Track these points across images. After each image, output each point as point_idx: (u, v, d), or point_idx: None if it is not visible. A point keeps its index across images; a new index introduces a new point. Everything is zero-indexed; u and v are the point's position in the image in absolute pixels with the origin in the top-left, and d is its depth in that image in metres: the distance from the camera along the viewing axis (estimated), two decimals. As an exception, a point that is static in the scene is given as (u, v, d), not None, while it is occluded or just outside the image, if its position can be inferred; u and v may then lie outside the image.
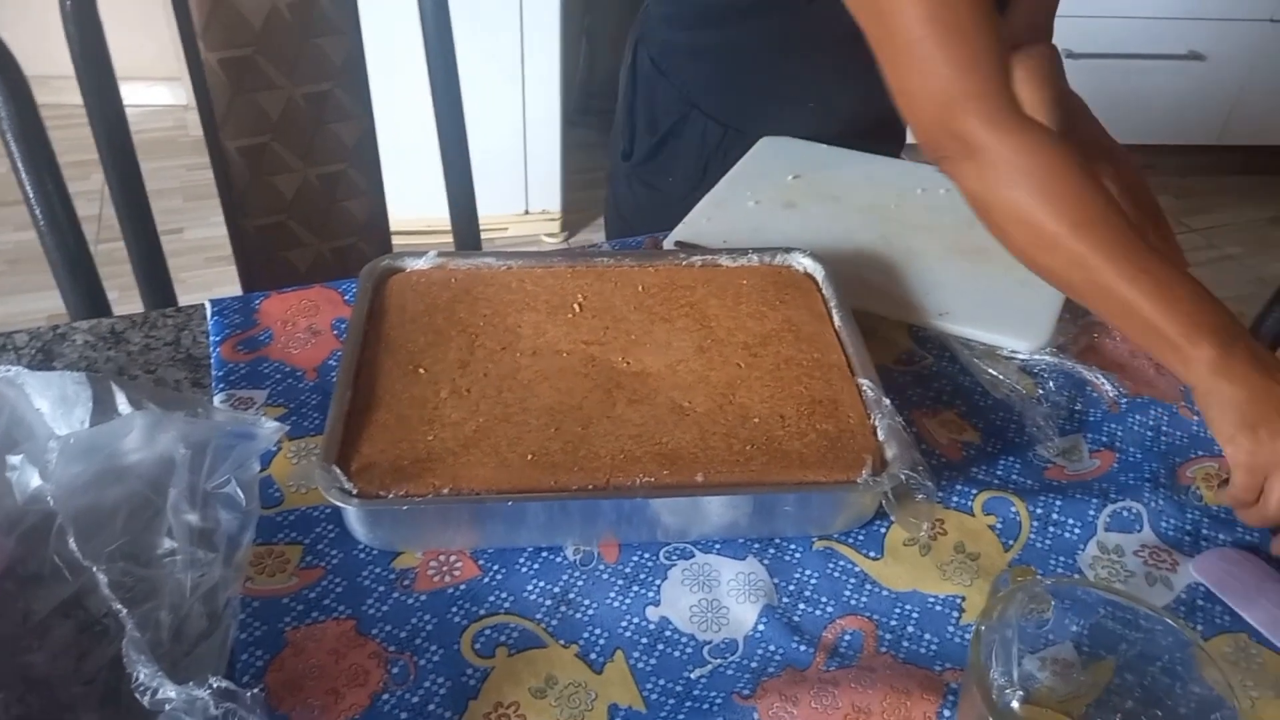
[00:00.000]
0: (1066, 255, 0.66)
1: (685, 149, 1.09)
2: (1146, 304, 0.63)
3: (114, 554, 0.57)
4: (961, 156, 0.70)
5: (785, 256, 0.82)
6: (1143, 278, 0.64)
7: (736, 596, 0.61)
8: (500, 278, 0.78)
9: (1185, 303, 0.63)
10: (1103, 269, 0.64)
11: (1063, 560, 0.65)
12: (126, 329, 0.78)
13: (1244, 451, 0.62)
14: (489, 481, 0.62)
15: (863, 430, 0.67)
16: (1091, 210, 0.66)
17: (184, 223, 2.35)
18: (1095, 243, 0.65)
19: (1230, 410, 0.62)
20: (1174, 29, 2.61)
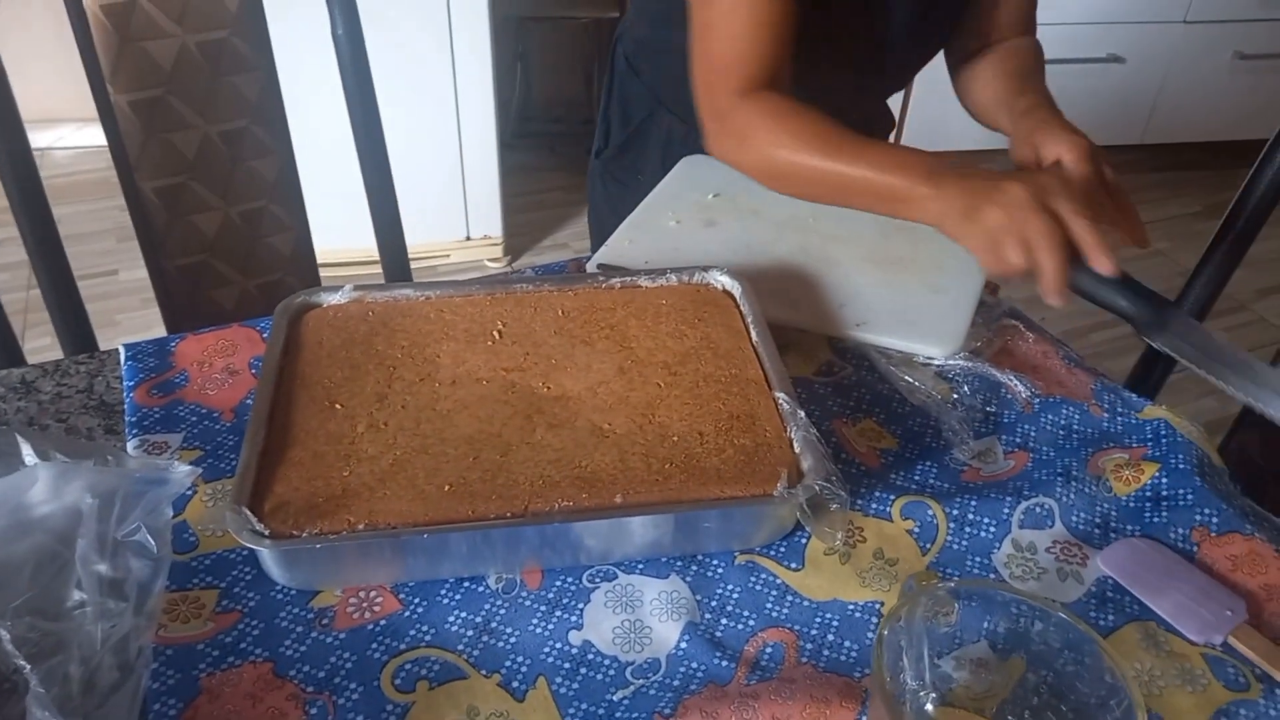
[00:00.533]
0: (803, 171, 0.82)
1: (651, 146, 1.11)
2: (873, 175, 0.79)
3: (20, 609, 0.56)
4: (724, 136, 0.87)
5: (703, 275, 0.83)
6: (865, 159, 0.79)
7: (659, 615, 0.62)
8: (419, 308, 0.78)
9: (900, 166, 0.78)
10: (836, 168, 0.80)
11: (979, 560, 0.67)
12: (37, 378, 0.77)
13: (973, 237, 0.73)
14: (406, 515, 0.61)
15: (779, 443, 0.68)
16: (813, 133, 0.82)
17: (117, 264, 2.31)
18: (819, 153, 0.81)
19: (955, 220, 0.74)
20: (1094, 33, 2.69)
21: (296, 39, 1.33)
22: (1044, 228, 0.69)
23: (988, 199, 0.72)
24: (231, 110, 1.03)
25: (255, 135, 1.06)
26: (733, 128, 0.86)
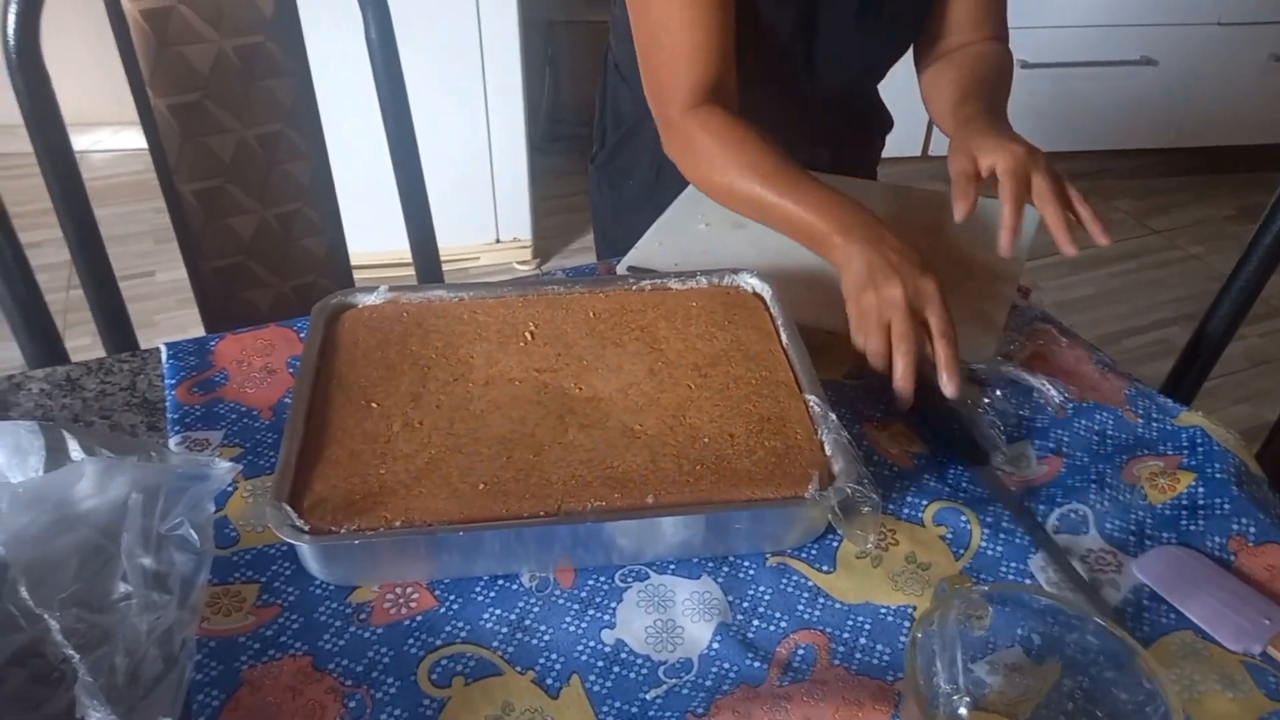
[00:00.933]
0: (740, 196, 0.89)
1: (640, 152, 1.13)
2: (796, 212, 0.85)
3: (67, 601, 0.57)
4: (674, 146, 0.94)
5: (733, 277, 0.84)
6: (792, 195, 0.85)
7: (691, 616, 0.62)
8: (452, 309, 0.79)
9: (821, 210, 0.83)
10: (766, 198, 0.87)
11: (1014, 566, 0.66)
12: (82, 376, 0.78)
13: (853, 307, 0.78)
14: (441, 512, 0.62)
15: (810, 446, 0.68)
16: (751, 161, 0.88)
17: (155, 265, 2.35)
18: (758, 182, 0.87)
19: (848, 283, 0.79)
20: (1126, 35, 2.67)
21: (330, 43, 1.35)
22: (907, 332, 0.73)
23: (874, 285, 0.76)
24: (267, 114, 1.04)
25: (290, 139, 1.07)
26: (680, 141, 0.93)
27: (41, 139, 0.94)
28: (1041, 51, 2.63)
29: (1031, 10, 2.57)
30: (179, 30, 0.97)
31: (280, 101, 1.05)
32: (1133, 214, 2.81)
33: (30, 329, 0.91)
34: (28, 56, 0.90)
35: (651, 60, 0.93)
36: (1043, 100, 2.74)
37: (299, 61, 1.05)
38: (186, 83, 0.99)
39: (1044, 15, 2.59)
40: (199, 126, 1.01)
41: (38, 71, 0.91)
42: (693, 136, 0.91)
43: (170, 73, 0.98)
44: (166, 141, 1.01)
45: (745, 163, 0.88)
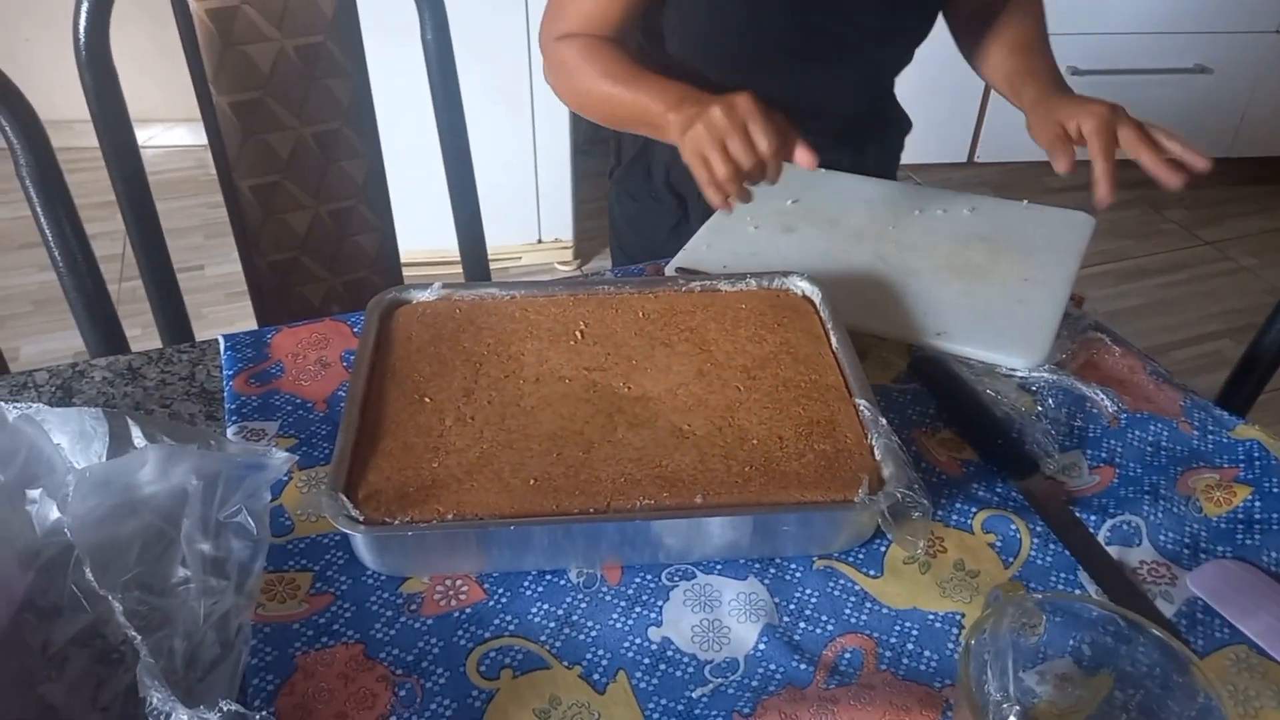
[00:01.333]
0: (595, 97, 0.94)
1: (655, 160, 1.14)
2: (639, 97, 0.89)
3: (129, 584, 0.58)
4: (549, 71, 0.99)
5: (783, 280, 0.84)
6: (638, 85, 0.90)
7: (737, 616, 0.62)
8: (504, 307, 0.80)
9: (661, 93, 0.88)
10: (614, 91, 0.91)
11: (1064, 576, 0.66)
12: (143, 365, 0.80)
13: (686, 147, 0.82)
14: (492, 507, 0.63)
15: (860, 450, 0.68)
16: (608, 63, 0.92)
17: (204, 259, 2.39)
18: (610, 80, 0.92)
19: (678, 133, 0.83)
20: (1180, 43, 2.62)
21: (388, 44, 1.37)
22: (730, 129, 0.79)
23: (696, 119, 0.81)
24: (325, 113, 1.06)
25: (347, 137, 1.09)
26: (552, 64, 0.98)
27: (108, 136, 0.96)
28: (1094, 58, 2.60)
29: (1084, 17, 2.54)
30: (244, 29, 0.99)
31: (338, 101, 1.07)
32: (1184, 224, 2.76)
33: (94, 320, 0.94)
34: (97, 55, 0.93)
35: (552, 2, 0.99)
36: (1093, 108, 2.69)
37: (357, 62, 1.07)
38: (248, 81, 1.01)
39: (1097, 22, 2.56)
40: (259, 124, 1.03)
41: (107, 69, 0.94)
42: (561, 56, 0.96)
43: (233, 71, 1.00)
44: (227, 138, 1.03)
45: (600, 69, 0.93)
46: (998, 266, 0.90)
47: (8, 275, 2.35)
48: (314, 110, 1.06)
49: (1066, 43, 2.64)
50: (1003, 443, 0.74)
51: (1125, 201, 2.83)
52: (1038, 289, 0.86)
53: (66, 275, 0.91)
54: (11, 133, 0.85)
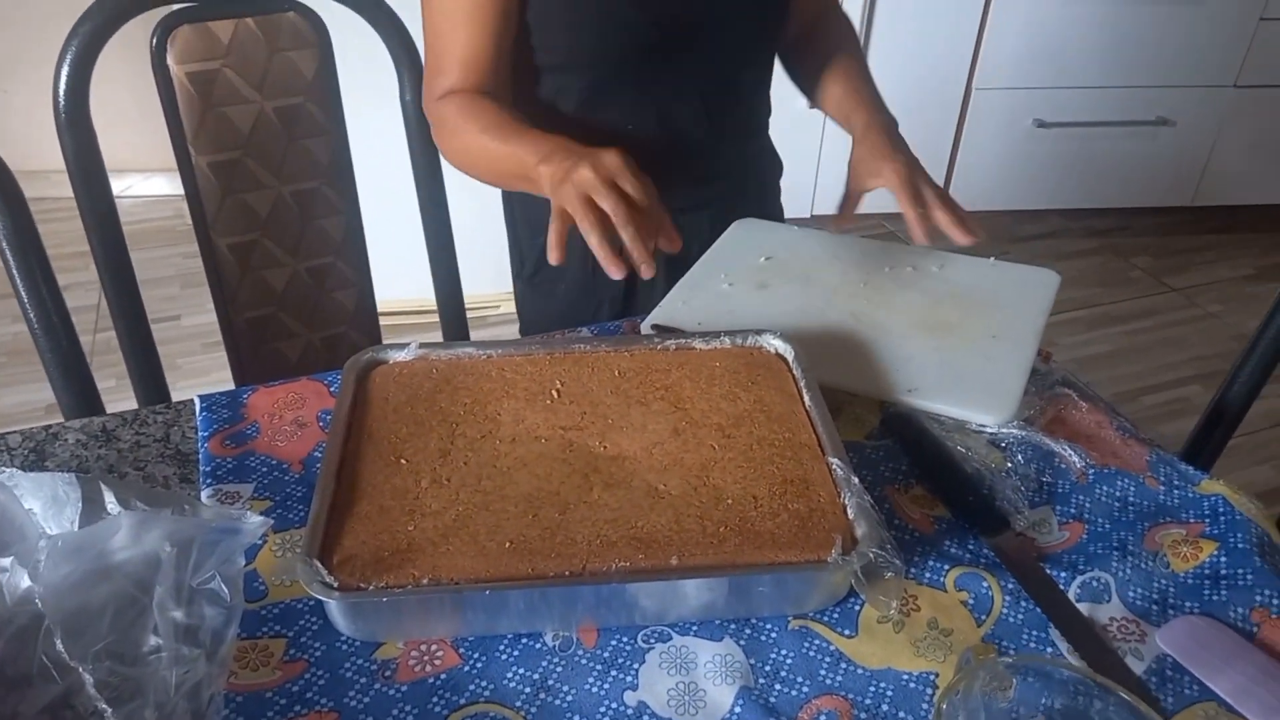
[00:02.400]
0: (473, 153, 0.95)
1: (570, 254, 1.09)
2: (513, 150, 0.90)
3: (100, 653, 0.58)
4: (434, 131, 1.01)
5: (756, 338, 0.85)
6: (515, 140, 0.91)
7: (713, 679, 0.62)
8: (480, 367, 0.81)
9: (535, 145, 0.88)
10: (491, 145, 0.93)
11: (1035, 634, 0.66)
12: (117, 427, 0.80)
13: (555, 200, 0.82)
14: (468, 570, 0.63)
15: (833, 509, 0.69)
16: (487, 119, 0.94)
17: (181, 309, 2.39)
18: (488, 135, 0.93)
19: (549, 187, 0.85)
20: (1142, 96, 2.70)
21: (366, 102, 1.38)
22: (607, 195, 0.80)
23: (564, 176, 0.82)
24: (304, 172, 1.08)
25: (325, 195, 1.10)
26: (435, 122, 1.00)
27: (84, 189, 0.97)
28: (1057, 111, 2.67)
29: (1048, 71, 2.61)
30: (223, 92, 1.00)
31: (317, 160, 1.08)
32: (1151, 272, 2.81)
33: (68, 378, 0.93)
34: (76, 115, 0.93)
35: (428, 60, 1.00)
36: (1060, 158, 2.76)
37: (336, 122, 1.08)
38: (228, 141, 1.02)
39: (1060, 76, 2.63)
40: (239, 183, 1.04)
41: (85, 126, 0.95)
42: (442, 115, 0.98)
43: (213, 132, 1.01)
44: (206, 197, 1.04)
45: (478, 124, 0.94)
46: (967, 323, 0.91)
47: (-21, 326, 2.33)
48: (293, 169, 1.07)
49: (1031, 96, 2.73)
50: (974, 499, 0.75)
51: (1092, 250, 2.88)
52: (1005, 345, 0.88)
53: (41, 335, 0.91)
54: (-11, 195, 0.85)
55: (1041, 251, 2.83)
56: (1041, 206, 2.91)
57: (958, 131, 2.68)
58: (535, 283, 1.16)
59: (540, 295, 1.16)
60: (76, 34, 0.92)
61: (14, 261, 0.89)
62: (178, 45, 0.98)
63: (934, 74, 2.58)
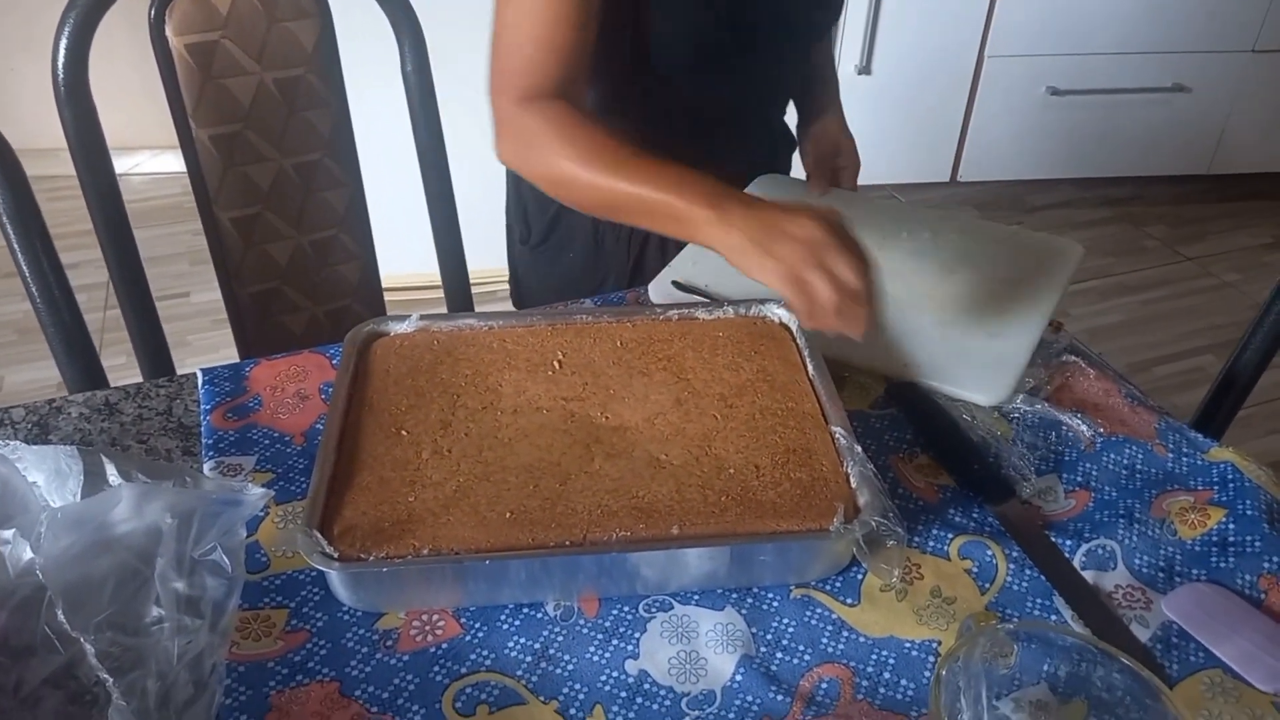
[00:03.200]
0: (582, 186, 0.82)
1: (577, 223, 1.08)
2: (649, 192, 0.78)
3: (102, 624, 0.58)
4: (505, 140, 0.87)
5: (760, 308, 0.84)
6: (645, 177, 0.78)
7: (714, 647, 0.62)
8: (482, 338, 0.80)
9: (680, 187, 0.77)
10: (616, 185, 0.80)
11: (1040, 602, 0.66)
12: (120, 400, 0.80)
13: (772, 271, 0.71)
14: (469, 541, 0.63)
15: (835, 478, 0.68)
16: (594, 148, 0.81)
17: (190, 286, 2.39)
18: (600, 168, 0.80)
19: (746, 248, 0.73)
20: (1158, 62, 2.65)
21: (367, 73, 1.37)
22: (845, 258, 0.69)
23: (781, 231, 0.71)
24: (306, 144, 1.07)
25: (327, 168, 1.09)
26: (516, 134, 0.86)
27: (86, 166, 0.97)
28: (1073, 78, 2.62)
29: (1063, 38, 2.57)
30: (223, 64, 0.99)
31: (319, 132, 1.07)
32: (1166, 241, 2.78)
33: (71, 352, 0.93)
34: (75, 88, 0.93)
35: (497, 51, 0.87)
36: (1074, 126, 2.72)
37: (337, 93, 1.07)
38: (228, 114, 1.02)
39: (1075, 43, 2.59)
40: (240, 156, 1.04)
41: (85, 102, 0.94)
42: (526, 127, 0.85)
43: (213, 104, 1.01)
44: (207, 170, 1.03)
45: (585, 148, 0.81)
46: (976, 296, 0.90)
47: (-9, 304, 2.34)
48: (294, 141, 1.06)
49: (1044, 63, 2.68)
50: (979, 468, 0.75)
51: (1106, 219, 2.85)
52: (1013, 322, 0.86)
53: (44, 311, 0.91)
54: (-11, 169, 0.85)
55: (1055, 221, 2.80)
56: (1055, 176, 2.88)
57: (969, 100, 2.65)
58: (541, 250, 1.14)
59: (544, 262, 1.15)
60: (74, 6, 0.91)
61: (16, 238, 0.89)
62: (176, 17, 0.97)
63: (945, 41, 2.54)
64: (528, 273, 1.18)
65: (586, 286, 1.11)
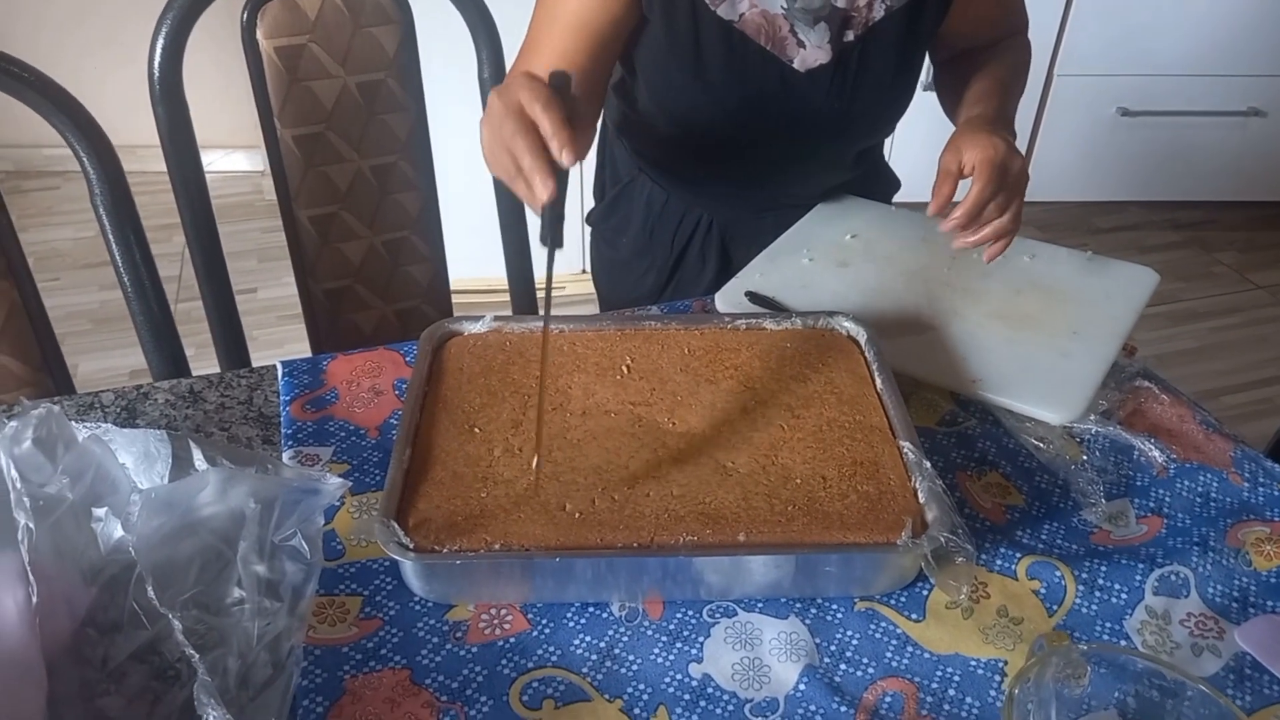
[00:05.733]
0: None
1: (634, 210, 1.13)
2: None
3: (187, 603, 0.60)
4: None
5: (829, 320, 0.84)
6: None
7: (778, 655, 0.63)
8: (552, 341, 0.82)
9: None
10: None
11: (1109, 626, 0.65)
12: (204, 389, 0.83)
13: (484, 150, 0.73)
14: (538, 538, 0.64)
15: (903, 492, 0.68)
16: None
17: (257, 282, 2.45)
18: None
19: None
20: (1234, 85, 2.59)
21: (445, 80, 1.40)
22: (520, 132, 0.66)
23: (485, 118, 0.73)
24: (383, 146, 1.10)
25: (403, 170, 1.12)
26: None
27: (177, 165, 1.00)
28: (1144, 99, 2.58)
29: (1135, 58, 2.52)
30: (309, 66, 1.02)
31: (396, 135, 1.10)
32: (1236, 267, 2.71)
33: (158, 342, 0.97)
34: (170, 89, 0.97)
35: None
36: (1144, 148, 2.67)
37: (416, 98, 1.10)
38: (312, 115, 1.05)
39: (1148, 63, 2.54)
40: (320, 156, 1.07)
41: (178, 101, 0.98)
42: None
43: (298, 106, 1.04)
44: (289, 169, 1.07)
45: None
46: (1048, 317, 0.89)
47: (69, 294, 2.42)
48: (372, 144, 1.09)
49: (1115, 83, 2.64)
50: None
51: (1175, 243, 2.79)
52: (1085, 343, 0.85)
53: (134, 300, 0.95)
54: (89, 165, 0.89)
55: (1123, 243, 2.75)
56: (1123, 198, 2.82)
57: (1037, 119, 2.61)
58: (601, 228, 1.18)
59: (604, 244, 1.19)
60: (172, 8, 0.95)
61: (112, 230, 0.92)
62: (267, 20, 1.00)
63: (1014, 60, 2.51)
64: (594, 250, 1.22)
65: (633, 274, 1.15)
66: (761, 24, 0.93)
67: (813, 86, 0.95)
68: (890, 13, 0.93)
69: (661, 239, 1.12)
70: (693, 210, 1.10)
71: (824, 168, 1.08)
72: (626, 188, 1.13)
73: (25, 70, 0.87)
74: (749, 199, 1.09)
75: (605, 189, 1.18)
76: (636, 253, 1.14)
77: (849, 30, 0.94)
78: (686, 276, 1.13)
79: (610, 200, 1.15)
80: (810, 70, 0.94)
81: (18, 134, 2.59)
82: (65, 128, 0.88)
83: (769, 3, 0.92)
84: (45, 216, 2.66)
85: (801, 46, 0.94)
